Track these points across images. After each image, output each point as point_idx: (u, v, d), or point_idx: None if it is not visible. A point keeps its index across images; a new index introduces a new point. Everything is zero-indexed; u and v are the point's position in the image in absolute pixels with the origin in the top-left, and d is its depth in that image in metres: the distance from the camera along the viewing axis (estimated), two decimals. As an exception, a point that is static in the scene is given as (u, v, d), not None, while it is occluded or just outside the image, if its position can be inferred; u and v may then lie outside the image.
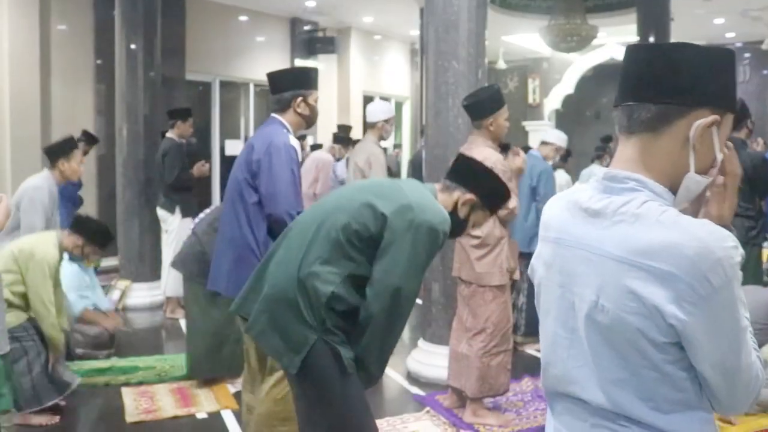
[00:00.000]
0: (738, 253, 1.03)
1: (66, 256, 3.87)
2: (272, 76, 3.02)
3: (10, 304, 3.45)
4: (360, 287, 2.14)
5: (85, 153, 7.00)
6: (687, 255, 1.02)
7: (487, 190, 2.41)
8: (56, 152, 4.38)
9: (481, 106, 3.59)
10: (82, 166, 4.54)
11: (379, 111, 4.93)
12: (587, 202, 1.16)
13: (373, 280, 2.12)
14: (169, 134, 6.03)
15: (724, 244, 1.02)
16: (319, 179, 6.69)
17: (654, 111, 1.11)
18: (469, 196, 2.38)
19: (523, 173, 3.84)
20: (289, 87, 2.92)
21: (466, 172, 2.43)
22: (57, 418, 3.67)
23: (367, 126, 5.03)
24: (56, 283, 3.64)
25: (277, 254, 2.26)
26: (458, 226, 2.37)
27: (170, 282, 5.84)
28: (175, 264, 4.41)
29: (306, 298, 2.11)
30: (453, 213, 2.33)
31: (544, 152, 5.44)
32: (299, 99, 2.91)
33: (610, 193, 1.14)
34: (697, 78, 1.10)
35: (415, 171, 8.44)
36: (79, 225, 3.82)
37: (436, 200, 2.31)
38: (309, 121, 2.96)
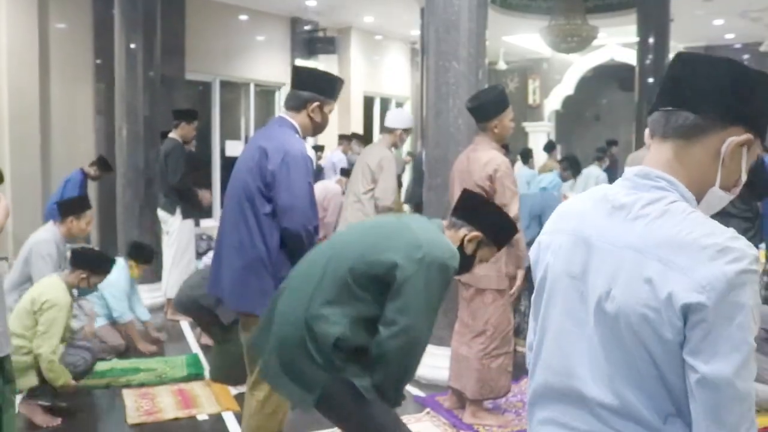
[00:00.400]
0: (758, 263, 1.05)
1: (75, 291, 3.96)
2: (298, 71, 2.94)
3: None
4: (368, 327, 2.12)
5: (95, 179, 6.94)
6: (707, 251, 1.04)
7: (493, 226, 2.39)
8: (69, 209, 4.46)
9: (486, 108, 3.56)
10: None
11: (400, 119, 4.97)
12: (614, 196, 1.18)
13: (386, 320, 2.10)
14: (171, 134, 5.98)
15: (747, 250, 1.04)
16: (328, 208, 6.71)
17: (692, 119, 1.14)
18: (476, 233, 2.36)
19: None
20: (311, 88, 2.83)
21: (472, 210, 2.40)
22: (58, 420, 3.68)
23: (385, 130, 5.05)
24: (67, 327, 3.74)
25: (285, 294, 2.25)
26: (465, 262, 2.35)
27: (171, 283, 5.83)
28: (177, 305, 4.59)
29: (314, 340, 2.10)
30: (460, 249, 2.31)
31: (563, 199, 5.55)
32: (316, 104, 2.81)
33: (639, 189, 1.16)
34: (739, 96, 1.12)
35: (417, 172, 8.45)
36: (78, 259, 3.87)
37: (443, 235, 2.30)
38: (317, 128, 2.88)
